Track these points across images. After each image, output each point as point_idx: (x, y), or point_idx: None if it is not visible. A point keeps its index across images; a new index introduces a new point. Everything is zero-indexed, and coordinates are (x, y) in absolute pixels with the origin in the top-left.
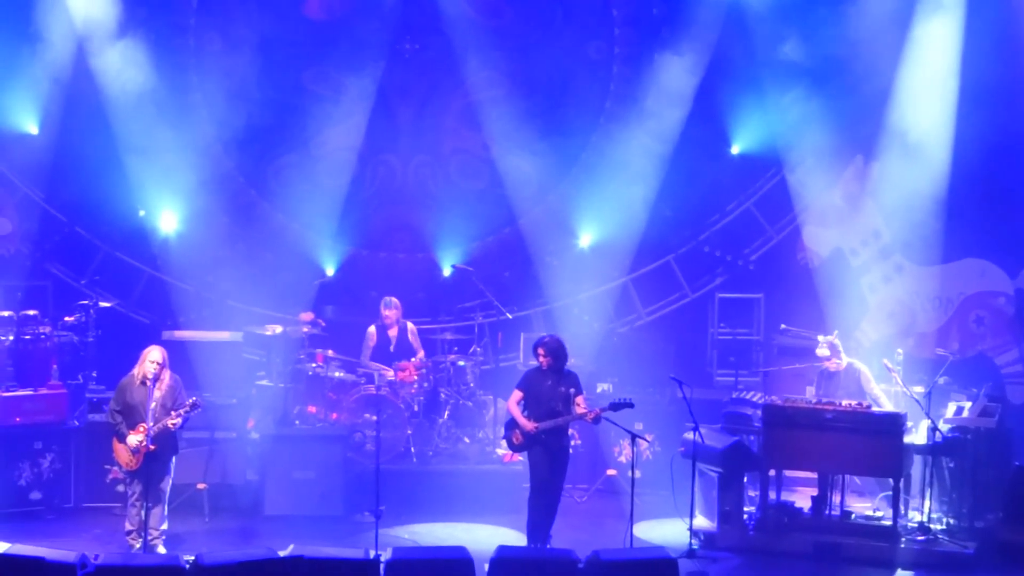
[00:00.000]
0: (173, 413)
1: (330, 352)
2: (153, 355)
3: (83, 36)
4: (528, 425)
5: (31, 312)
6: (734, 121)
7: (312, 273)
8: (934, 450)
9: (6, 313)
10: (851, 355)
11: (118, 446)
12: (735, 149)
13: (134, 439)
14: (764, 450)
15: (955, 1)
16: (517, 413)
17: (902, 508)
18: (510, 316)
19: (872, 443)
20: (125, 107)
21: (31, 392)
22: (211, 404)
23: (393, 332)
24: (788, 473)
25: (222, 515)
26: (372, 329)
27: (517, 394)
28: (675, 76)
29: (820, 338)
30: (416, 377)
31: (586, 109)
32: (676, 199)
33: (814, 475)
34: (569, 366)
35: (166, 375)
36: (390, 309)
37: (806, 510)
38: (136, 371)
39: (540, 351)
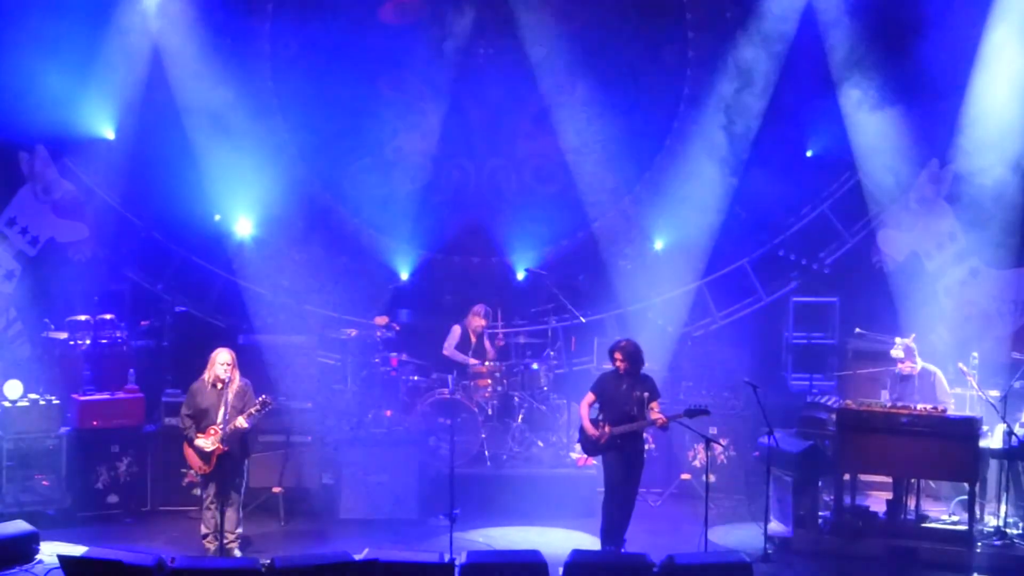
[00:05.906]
0: (244, 414)
1: (404, 356)
2: (222, 357)
3: (160, 41)
4: (593, 432)
5: (108, 316)
6: (808, 124)
7: (387, 277)
8: (1010, 454)
9: (83, 317)
10: (926, 359)
11: (189, 451)
12: (809, 152)
13: (204, 442)
14: (839, 454)
15: None
16: (585, 418)
17: (977, 512)
18: (584, 320)
19: (947, 447)
20: (201, 112)
21: (108, 396)
22: (286, 408)
23: (474, 338)
24: (863, 477)
25: (297, 518)
26: (457, 328)
27: (589, 396)
28: (749, 80)
29: (897, 340)
30: (489, 382)
31: (660, 112)
32: (750, 203)
33: (889, 479)
34: (644, 370)
35: (236, 376)
36: (482, 318)
37: (881, 514)
38: (207, 375)
39: (617, 355)
